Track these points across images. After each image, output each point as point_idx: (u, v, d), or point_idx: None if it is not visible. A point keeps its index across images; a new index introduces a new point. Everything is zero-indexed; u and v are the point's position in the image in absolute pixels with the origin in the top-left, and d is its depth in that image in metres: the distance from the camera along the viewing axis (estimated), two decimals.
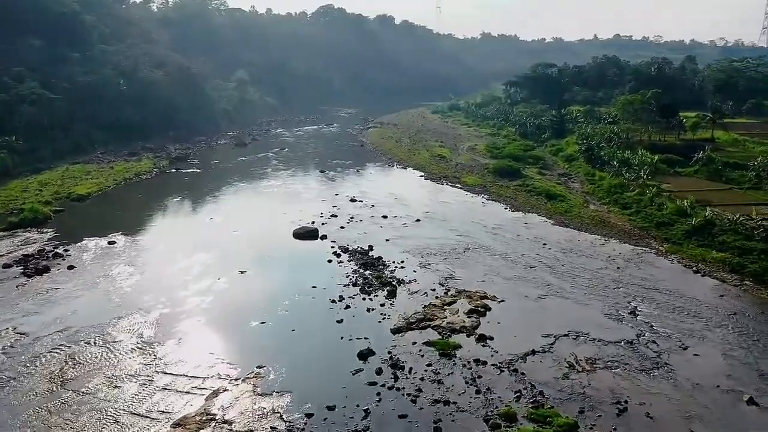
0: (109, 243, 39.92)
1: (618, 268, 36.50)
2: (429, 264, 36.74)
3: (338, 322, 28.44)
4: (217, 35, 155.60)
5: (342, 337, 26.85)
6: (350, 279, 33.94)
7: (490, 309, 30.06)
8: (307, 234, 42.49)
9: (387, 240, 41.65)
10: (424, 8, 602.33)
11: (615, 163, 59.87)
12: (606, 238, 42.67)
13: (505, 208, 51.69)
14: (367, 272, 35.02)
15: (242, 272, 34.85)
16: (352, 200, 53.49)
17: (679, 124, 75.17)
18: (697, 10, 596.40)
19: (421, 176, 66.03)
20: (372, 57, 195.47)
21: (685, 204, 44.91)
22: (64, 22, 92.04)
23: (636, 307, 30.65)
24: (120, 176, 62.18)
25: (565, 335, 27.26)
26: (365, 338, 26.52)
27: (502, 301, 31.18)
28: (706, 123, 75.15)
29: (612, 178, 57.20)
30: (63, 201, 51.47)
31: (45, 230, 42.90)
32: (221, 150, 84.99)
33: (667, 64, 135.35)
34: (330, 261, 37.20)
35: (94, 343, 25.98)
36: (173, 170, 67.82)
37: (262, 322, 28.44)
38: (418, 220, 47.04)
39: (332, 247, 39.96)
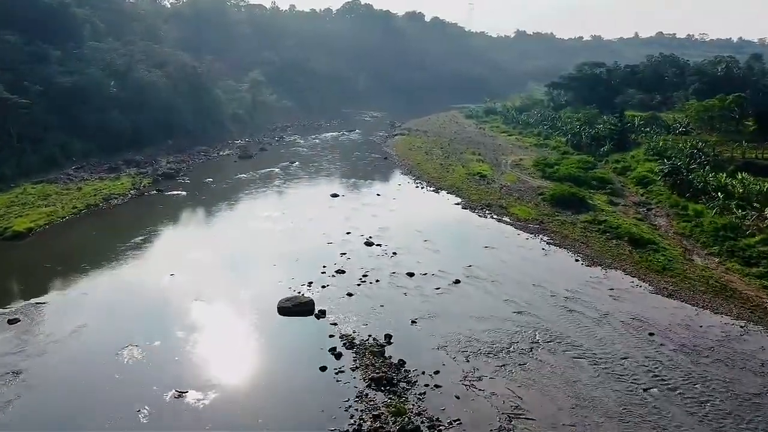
0: (10, 322, 27.41)
1: None
2: (479, 377, 23.27)
3: None
4: (234, 33, 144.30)
5: None
6: (352, 417, 20.68)
7: None
8: (297, 308, 29.38)
9: (413, 322, 28.31)
10: (455, 4, 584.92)
11: (718, 193, 45.28)
12: (741, 323, 28.51)
13: (576, 260, 37.76)
14: (380, 397, 21.77)
15: (180, 395, 21.83)
16: (368, 243, 40.25)
17: None
18: (742, 8, 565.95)
19: (458, 204, 52.41)
20: (400, 56, 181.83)
21: None
22: (51, 16, 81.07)
23: None
24: (84, 201, 50.00)
25: None
26: None
27: None
28: None
29: (716, 215, 42.83)
30: None
31: None
32: (221, 163, 72.69)
33: (735, 64, 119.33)
34: (324, 369, 23.91)
35: None
36: (154, 192, 55.54)
37: None
38: (457, 282, 33.56)
39: (332, 335, 26.79)
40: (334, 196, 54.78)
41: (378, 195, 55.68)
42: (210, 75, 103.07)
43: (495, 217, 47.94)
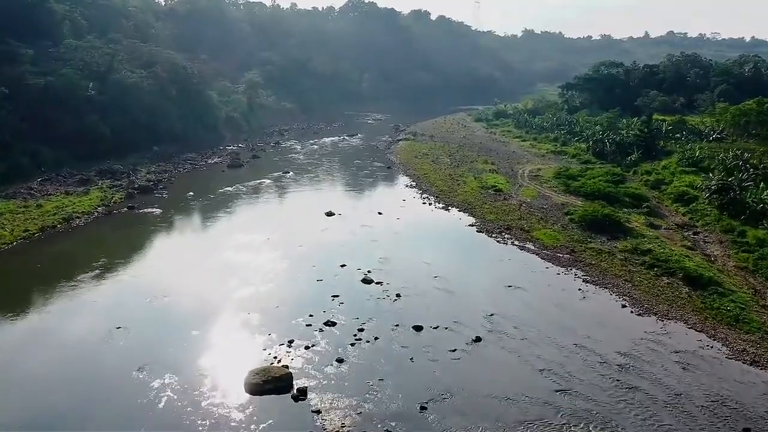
0: None
1: None
2: None
3: None
4: (232, 32, 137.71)
5: None
6: None
7: None
8: (270, 385, 22.30)
9: (423, 407, 21.27)
10: (461, 3, 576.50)
11: None
12: None
13: (623, 306, 30.59)
14: None
15: None
16: (366, 281, 33.24)
17: None
18: (752, 7, 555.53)
19: (471, 225, 45.33)
20: (405, 56, 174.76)
21: None
22: (25, 12, 74.49)
23: None
24: (40, 222, 43.00)
25: None
26: None
27: None
28: None
29: None
30: None
31: None
32: (207, 174, 65.75)
33: (763, 64, 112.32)
34: None
35: None
36: (125, 209, 48.63)
37: None
38: (477, 340, 26.49)
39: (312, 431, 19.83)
40: (330, 215, 47.70)
41: (380, 213, 48.54)
42: (203, 76, 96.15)
43: (517, 243, 40.80)
